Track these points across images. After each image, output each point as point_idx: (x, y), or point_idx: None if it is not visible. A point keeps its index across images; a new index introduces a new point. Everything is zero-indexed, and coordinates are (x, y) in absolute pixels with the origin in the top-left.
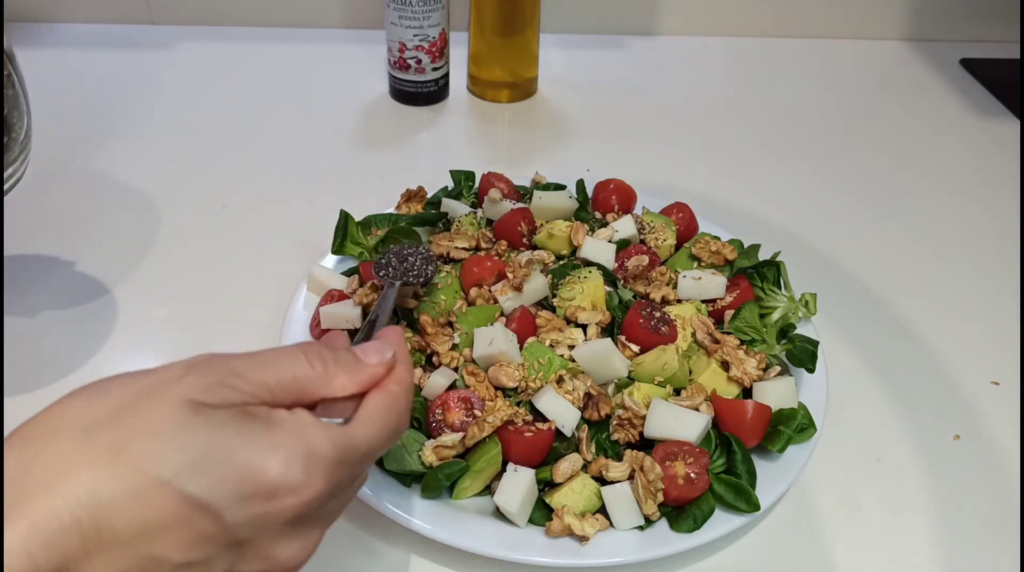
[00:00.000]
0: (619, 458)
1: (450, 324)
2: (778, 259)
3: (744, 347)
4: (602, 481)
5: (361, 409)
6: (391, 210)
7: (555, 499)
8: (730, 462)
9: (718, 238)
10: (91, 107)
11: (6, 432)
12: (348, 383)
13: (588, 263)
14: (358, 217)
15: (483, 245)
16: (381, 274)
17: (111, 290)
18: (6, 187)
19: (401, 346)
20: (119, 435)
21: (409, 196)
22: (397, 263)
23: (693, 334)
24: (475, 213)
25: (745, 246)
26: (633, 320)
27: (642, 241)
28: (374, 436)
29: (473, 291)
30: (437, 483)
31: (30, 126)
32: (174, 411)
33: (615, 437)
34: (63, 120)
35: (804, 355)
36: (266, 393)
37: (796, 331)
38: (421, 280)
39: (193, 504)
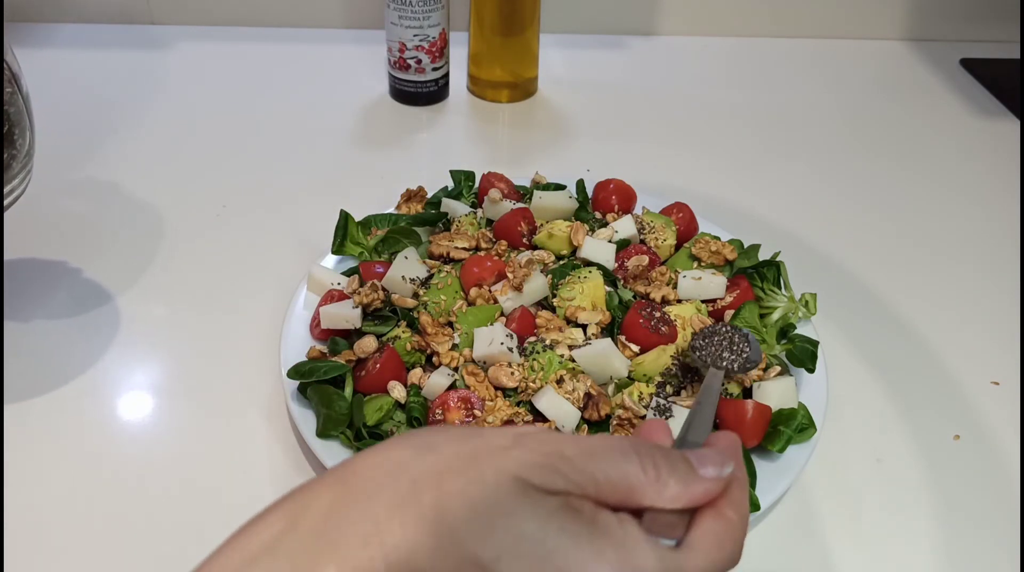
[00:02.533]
0: None
1: (450, 324)
2: (778, 259)
3: None
4: None
5: (694, 534)
6: (391, 210)
7: None
8: None
9: (718, 238)
10: (91, 107)
11: None
12: (680, 496)
13: (588, 263)
14: (358, 217)
15: (483, 245)
16: (699, 356)
17: (110, 289)
18: (6, 202)
19: (739, 460)
20: (444, 501)
21: (409, 196)
22: (719, 343)
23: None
24: (475, 213)
25: (745, 246)
26: (633, 320)
27: (642, 241)
28: (706, 567)
29: (473, 291)
30: None
31: (33, 143)
32: (500, 488)
33: None
34: (63, 120)
35: (804, 355)
36: (592, 487)
37: (796, 331)
38: (746, 365)
39: None
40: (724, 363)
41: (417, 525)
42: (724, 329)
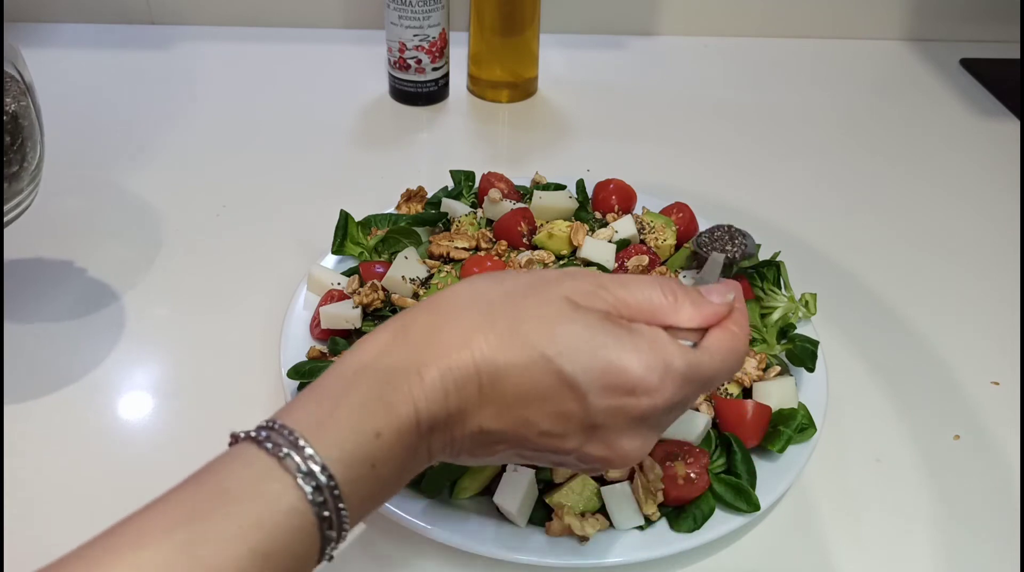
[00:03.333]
0: None
1: None
2: (778, 259)
3: None
4: (602, 481)
5: (707, 340)
6: (391, 210)
7: (555, 499)
8: (730, 462)
9: None
10: (91, 107)
11: None
12: (694, 315)
13: (588, 263)
14: (358, 217)
15: (483, 245)
16: (703, 249)
17: (110, 289)
18: (14, 215)
19: (741, 298)
20: (514, 313)
21: (409, 196)
22: (721, 238)
23: None
24: (475, 213)
25: None
26: None
27: (642, 241)
28: (717, 365)
29: None
30: (437, 483)
31: (43, 155)
32: (558, 304)
33: None
34: (62, 120)
35: (804, 355)
36: (625, 309)
37: (796, 331)
38: (746, 253)
39: (567, 382)
40: (726, 252)
41: (496, 335)
42: (725, 227)
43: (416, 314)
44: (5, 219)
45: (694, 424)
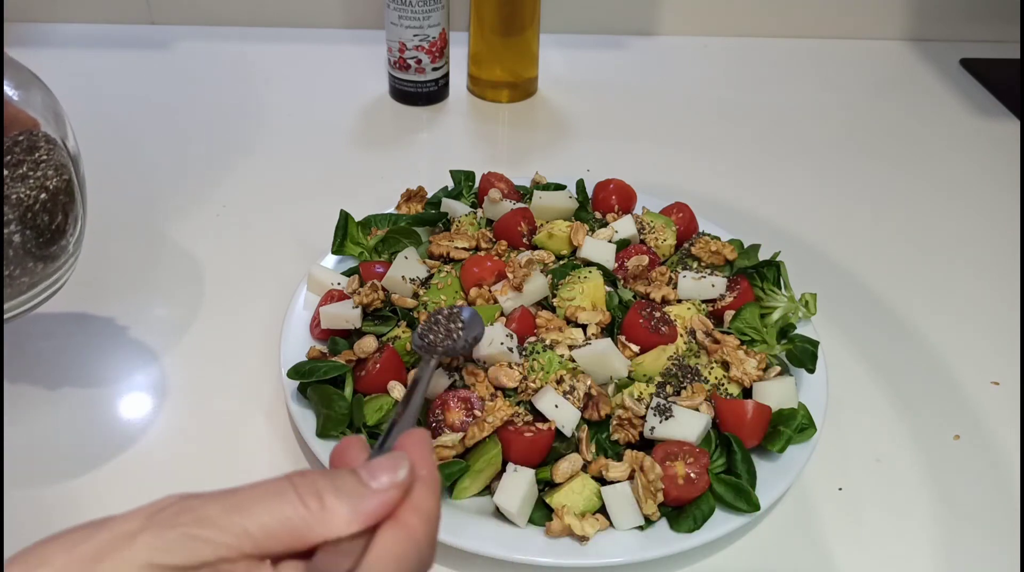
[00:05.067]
0: (619, 458)
1: None
2: (778, 259)
3: (744, 347)
4: (602, 481)
5: (369, 555)
6: (391, 210)
7: (555, 499)
8: (730, 462)
9: (718, 238)
10: (90, 107)
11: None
12: (352, 517)
13: (588, 263)
14: (358, 217)
15: (483, 245)
16: (419, 347)
17: (110, 289)
18: (45, 298)
19: (424, 458)
20: None
21: (409, 196)
22: (438, 331)
23: (692, 334)
24: (475, 213)
25: (745, 246)
26: (633, 320)
27: (642, 241)
28: None
29: (473, 291)
30: None
31: (83, 230)
32: None
33: (615, 437)
34: None
35: (804, 355)
36: (248, 543)
37: (796, 331)
38: (466, 345)
39: None
40: (436, 348)
41: None
42: (442, 313)
43: None
44: (38, 300)
45: (694, 424)
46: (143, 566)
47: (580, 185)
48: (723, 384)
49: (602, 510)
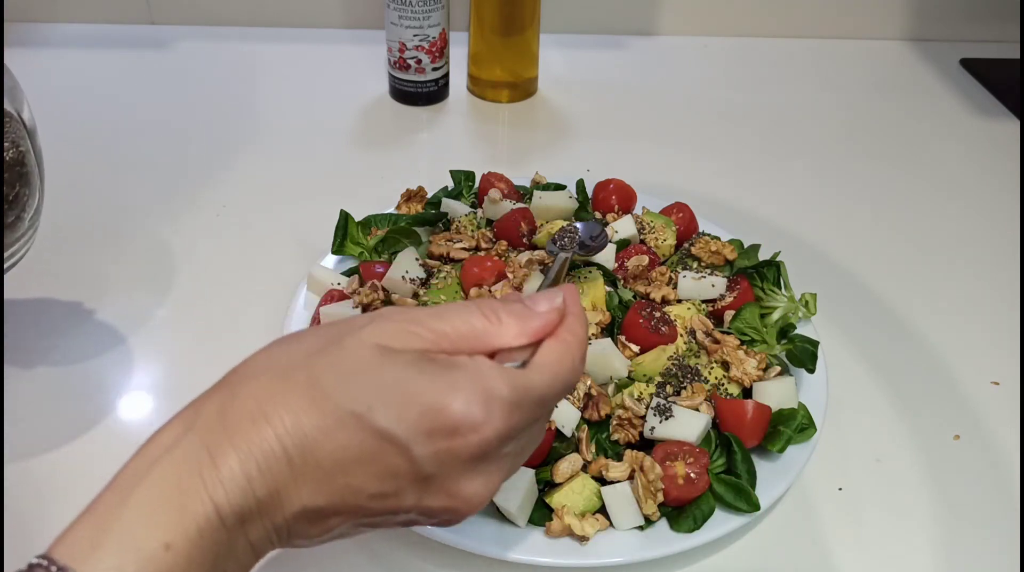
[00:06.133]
0: (619, 458)
1: None
2: (778, 259)
3: (744, 347)
4: (602, 481)
5: (536, 356)
6: (391, 210)
7: (555, 499)
8: (730, 462)
9: (718, 238)
10: (90, 107)
11: None
12: (521, 332)
13: (588, 263)
14: (358, 217)
15: (483, 245)
16: (551, 250)
17: (110, 289)
18: (8, 265)
19: (574, 300)
20: (316, 373)
21: (409, 196)
22: (571, 237)
23: (692, 334)
24: (475, 213)
25: (745, 246)
26: (633, 320)
27: (642, 241)
28: (548, 381)
29: (473, 291)
30: None
31: (41, 202)
32: (364, 352)
33: (615, 437)
34: (62, 120)
35: (804, 355)
36: (445, 342)
37: (796, 331)
38: (592, 248)
39: (384, 437)
40: (567, 249)
41: (298, 400)
42: (571, 226)
43: (208, 394)
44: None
45: (694, 424)
46: (373, 344)
47: (580, 185)
48: (723, 384)
49: (602, 510)
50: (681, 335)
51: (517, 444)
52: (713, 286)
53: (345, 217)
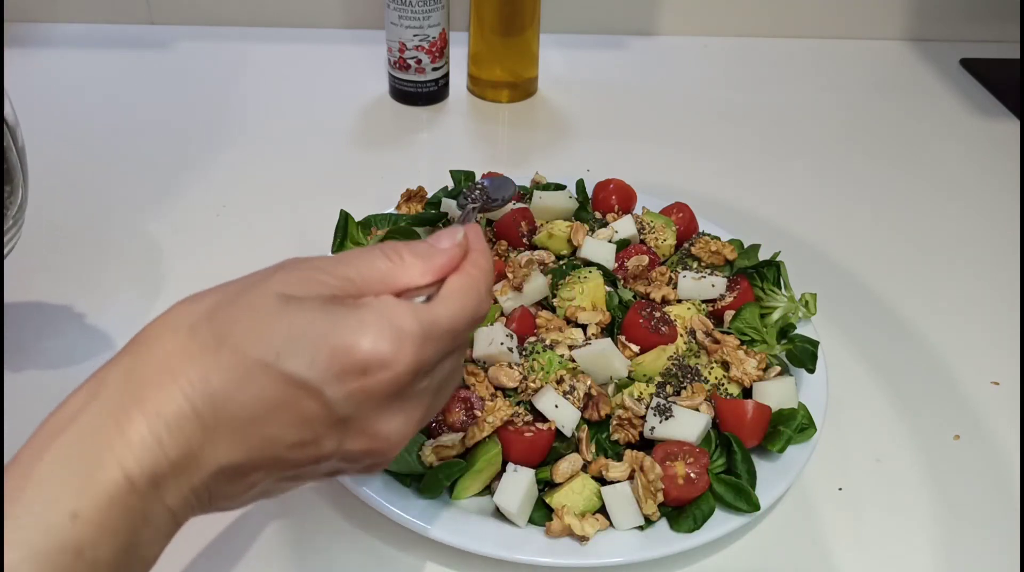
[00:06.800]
0: (619, 458)
1: None
2: (778, 259)
3: (744, 347)
4: (602, 481)
5: (442, 289)
6: (391, 210)
7: (555, 499)
8: (730, 462)
9: (718, 238)
10: (90, 107)
11: None
12: (426, 269)
13: (588, 263)
14: (358, 217)
15: None
16: (461, 203)
17: (110, 289)
18: None
19: (476, 237)
20: (220, 327)
21: (409, 196)
22: (479, 193)
23: (692, 334)
24: None
25: (745, 246)
26: (633, 320)
27: (642, 241)
28: (456, 311)
29: None
30: (437, 483)
31: (25, 198)
32: (268, 302)
33: (615, 437)
34: (62, 120)
35: (804, 355)
36: (351, 287)
37: (796, 331)
38: (499, 201)
39: (295, 384)
40: (472, 202)
41: (203, 355)
42: (482, 182)
43: (112, 361)
44: None
45: (694, 424)
46: (277, 294)
47: (580, 185)
48: (723, 384)
49: (602, 510)
50: (681, 335)
51: (432, 379)
52: (713, 286)
53: (345, 217)
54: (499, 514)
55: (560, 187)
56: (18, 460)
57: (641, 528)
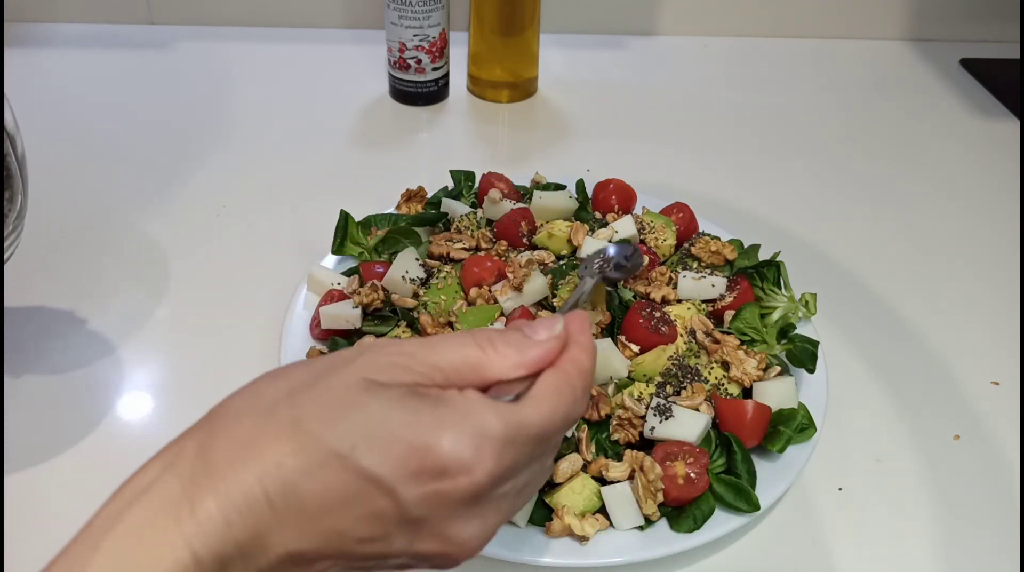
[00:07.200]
0: (619, 458)
1: (450, 324)
2: (778, 259)
3: (744, 347)
4: (602, 481)
5: (533, 388)
6: (391, 210)
7: (555, 499)
8: (730, 462)
9: (718, 238)
10: (90, 107)
11: None
12: (518, 362)
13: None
14: (358, 217)
15: (483, 245)
16: (582, 270)
17: (111, 289)
18: None
19: (582, 329)
20: (298, 412)
21: (409, 196)
22: (602, 259)
23: (692, 334)
24: (475, 213)
25: (745, 246)
26: (633, 320)
27: (642, 241)
28: (546, 415)
29: (473, 291)
30: None
31: (24, 206)
32: (350, 388)
33: (615, 437)
34: (62, 120)
35: (804, 355)
36: (438, 375)
37: (796, 331)
38: (623, 272)
39: (367, 478)
40: (594, 274)
41: (278, 438)
42: (605, 250)
43: (188, 433)
44: None
45: (694, 424)
46: (359, 379)
47: (580, 185)
48: (723, 384)
49: (602, 510)
50: (681, 335)
51: (515, 483)
52: (713, 286)
53: (345, 217)
54: None
55: (560, 187)
56: (89, 530)
57: (641, 528)
